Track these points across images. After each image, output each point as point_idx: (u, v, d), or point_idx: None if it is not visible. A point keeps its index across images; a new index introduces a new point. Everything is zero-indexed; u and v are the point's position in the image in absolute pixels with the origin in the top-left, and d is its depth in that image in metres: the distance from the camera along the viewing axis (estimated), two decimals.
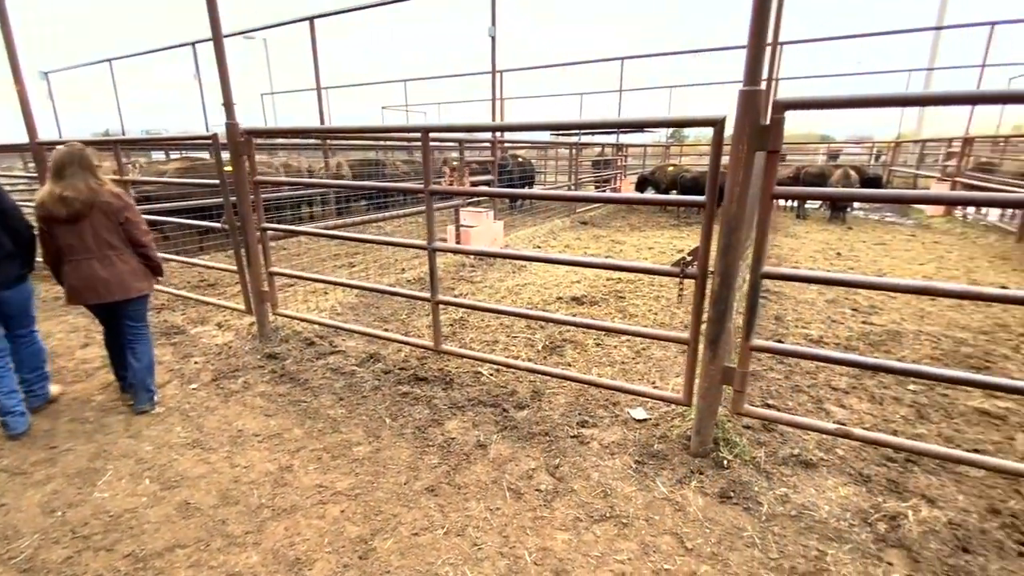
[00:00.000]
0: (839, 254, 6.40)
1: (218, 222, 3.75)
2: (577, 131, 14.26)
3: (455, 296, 4.71)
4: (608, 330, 2.59)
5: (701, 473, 2.12)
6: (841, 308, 4.16)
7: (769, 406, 2.62)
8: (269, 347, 3.49)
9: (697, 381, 2.15)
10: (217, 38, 2.95)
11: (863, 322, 3.85)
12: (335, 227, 4.04)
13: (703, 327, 2.08)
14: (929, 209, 10.02)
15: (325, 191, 8.27)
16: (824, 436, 2.34)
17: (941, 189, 9.58)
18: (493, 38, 5.84)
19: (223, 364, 3.32)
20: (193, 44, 10.95)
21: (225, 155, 3.26)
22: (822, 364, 3.01)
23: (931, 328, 3.71)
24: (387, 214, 4.41)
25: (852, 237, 7.70)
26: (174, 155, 12.01)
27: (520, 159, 12.33)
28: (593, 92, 16.13)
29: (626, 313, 4.19)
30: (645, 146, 16.18)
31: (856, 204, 10.80)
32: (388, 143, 11.11)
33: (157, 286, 4.54)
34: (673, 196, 10.45)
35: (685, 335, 2.17)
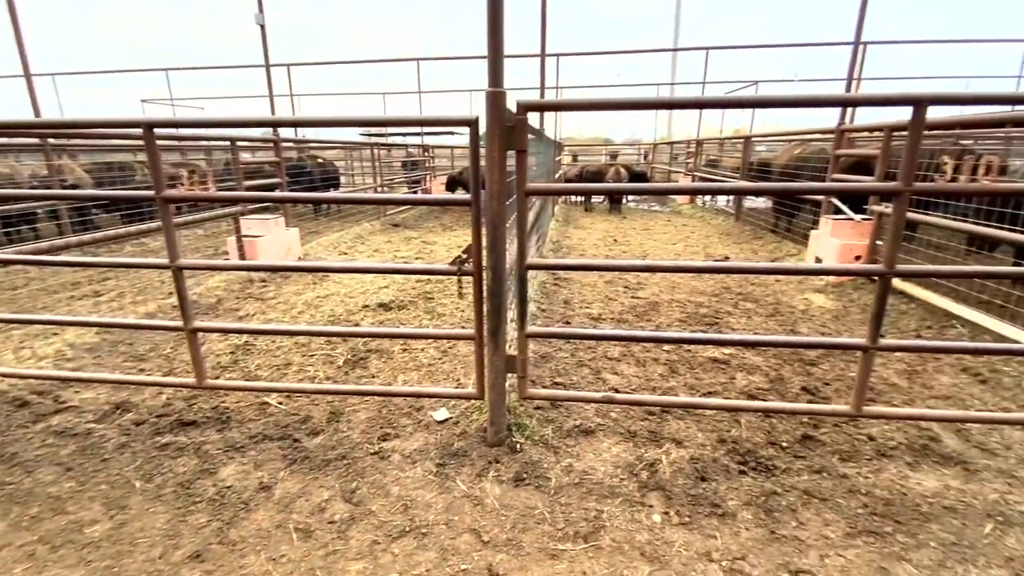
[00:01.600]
0: (616, 240, 7.42)
1: None
2: (374, 131, 13.86)
3: (240, 318, 4.13)
4: (394, 336, 2.51)
5: (498, 462, 2.19)
6: (616, 287, 4.79)
7: (557, 384, 2.85)
8: None
9: (486, 373, 2.20)
10: None
11: (632, 297, 4.49)
12: (53, 249, 3.10)
13: (485, 322, 2.14)
14: (679, 198, 12.29)
15: (53, 203, 6.50)
16: (600, 404, 2.62)
17: (685, 181, 11.81)
18: (262, 26, 5.24)
19: None
20: None
21: None
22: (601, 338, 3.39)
23: (680, 296, 4.50)
24: (134, 228, 3.58)
25: (626, 225, 9.01)
26: None
27: (321, 160, 11.50)
28: (394, 93, 15.91)
29: (435, 314, 4.18)
30: (452, 147, 16.53)
31: (629, 196, 12.69)
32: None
33: None
34: (443, 195, 10.89)
35: (471, 331, 2.20)
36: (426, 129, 14.66)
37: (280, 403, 2.74)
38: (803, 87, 14.21)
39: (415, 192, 13.00)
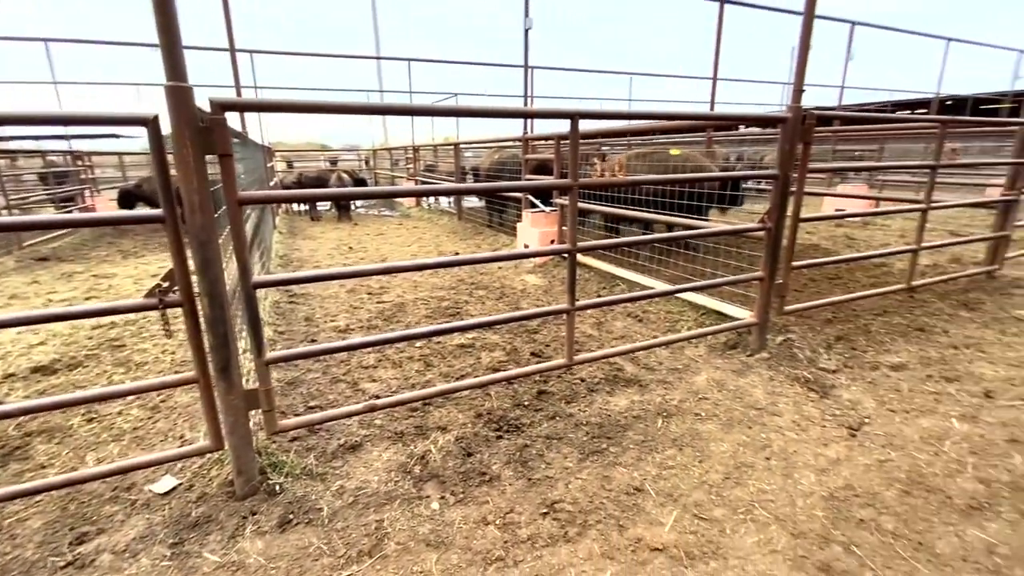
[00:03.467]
0: (351, 248, 7.23)
1: None
2: None
3: None
4: (62, 406, 1.90)
5: (255, 513, 1.91)
6: (359, 295, 4.70)
7: (312, 408, 2.65)
8: None
9: (222, 417, 1.88)
10: None
11: (378, 302, 4.48)
12: None
13: (209, 358, 1.82)
14: (407, 202, 12.75)
15: None
16: (363, 415, 2.56)
17: (408, 185, 12.31)
18: None
19: None
20: None
21: None
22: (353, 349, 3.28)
23: (423, 294, 4.72)
24: None
25: (359, 232, 8.87)
26: None
27: None
28: (21, 82, 11.65)
29: (130, 364, 3.31)
30: (120, 154, 13.14)
31: (359, 202, 12.50)
32: None
33: None
34: (122, 212, 9.02)
35: (191, 373, 1.84)
36: (73, 131, 11.25)
37: None
38: (494, 100, 16.43)
39: (68, 212, 9.85)
